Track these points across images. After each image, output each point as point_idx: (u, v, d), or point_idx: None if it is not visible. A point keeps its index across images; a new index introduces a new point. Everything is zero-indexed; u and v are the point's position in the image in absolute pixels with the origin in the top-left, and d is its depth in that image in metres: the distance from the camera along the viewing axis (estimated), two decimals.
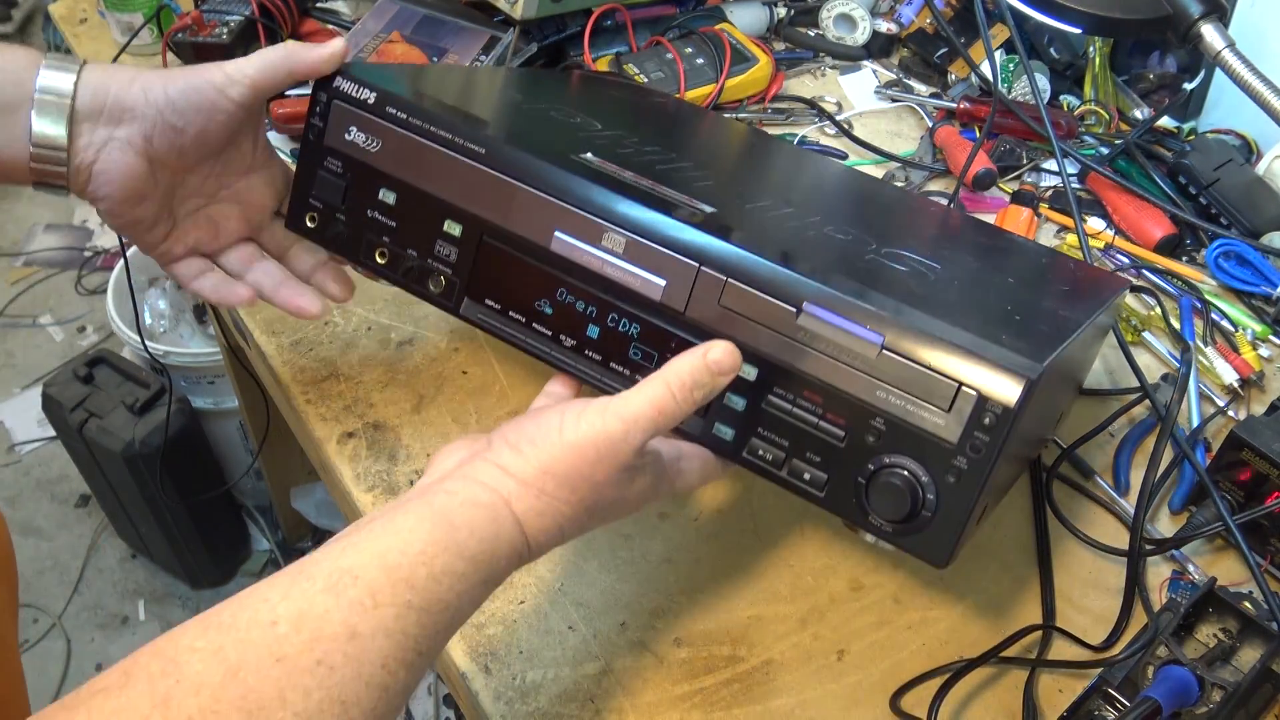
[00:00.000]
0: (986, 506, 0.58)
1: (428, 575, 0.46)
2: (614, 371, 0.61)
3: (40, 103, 0.61)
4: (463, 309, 0.65)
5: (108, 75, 0.63)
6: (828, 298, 0.55)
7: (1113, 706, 0.63)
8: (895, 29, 1.18)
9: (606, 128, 0.76)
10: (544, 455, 0.52)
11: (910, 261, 0.66)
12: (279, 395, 0.84)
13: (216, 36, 0.99)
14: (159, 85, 0.63)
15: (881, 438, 0.55)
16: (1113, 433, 0.82)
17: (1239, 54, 0.75)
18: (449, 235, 0.64)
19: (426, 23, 1.07)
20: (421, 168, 0.63)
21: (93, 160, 0.63)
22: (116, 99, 0.62)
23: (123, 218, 0.66)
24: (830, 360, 0.55)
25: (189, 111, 0.63)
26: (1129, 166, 1.03)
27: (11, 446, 2.19)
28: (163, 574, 1.98)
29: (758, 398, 0.57)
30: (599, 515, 0.55)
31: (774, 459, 0.58)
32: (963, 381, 0.52)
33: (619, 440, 0.52)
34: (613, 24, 1.11)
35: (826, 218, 0.74)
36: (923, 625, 0.69)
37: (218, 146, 0.66)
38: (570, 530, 0.54)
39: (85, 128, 0.62)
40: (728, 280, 0.57)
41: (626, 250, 0.59)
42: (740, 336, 0.57)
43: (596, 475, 0.52)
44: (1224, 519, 0.69)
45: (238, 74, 0.63)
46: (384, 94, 0.64)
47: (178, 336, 1.78)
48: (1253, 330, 0.89)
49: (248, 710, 0.40)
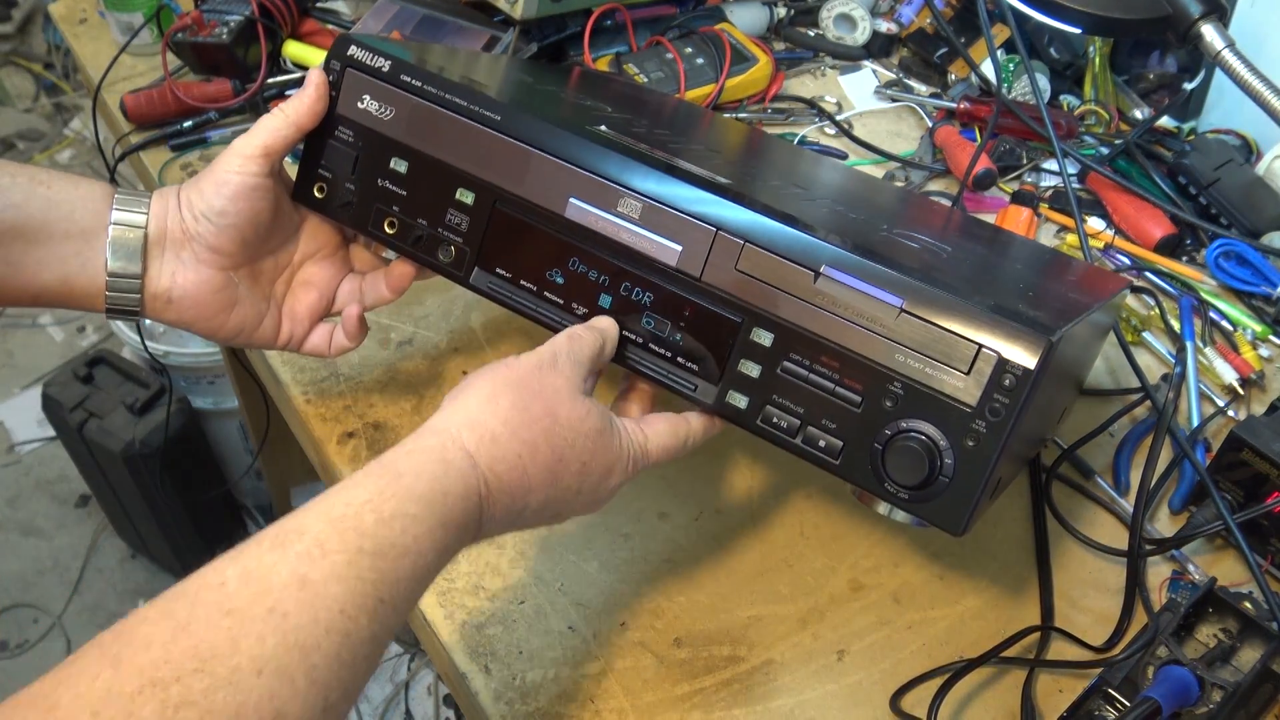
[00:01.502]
0: (1001, 479, 0.58)
1: (376, 520, 0.46)
2: (627, 340, 0.61)
3: (115, 236, 0.63)
4: (473, 278, 0.65)
5: (164, 203, 0.65)
6: (847, 261, 0.55)
7: (1113, 706, 0.63)
8: (895, 29, 1.18)
9: (617, 111, 0.76)
10: (488, 387, 0.53)
11: (923, 242, 0.66)
12: (279, 395, 0.84)
13: (216, 36, 0.99)
14: (195, 196, 0.65)
15: (899, 402, 0.54)
16: (1113, 433, 0.82)
17: (1239, 54, 0.75)
18: (461, 204, 0.64)
19: (426, 22, 1.07)
20: (435, 135, 0.64)
21: (169, 287, 0.65)
22: (174, 224, 0.65)
23: (226, 329, 0.68)
24: (848, 324, 0.55)
25: (229, 203, 0.64)
26: (1129, 166, 1.03)
27: (11, 446, 2.19)
28: (163, 574, 1.98)
29: (773, 364, 0.57)
30: (565, 455, 0.54)
31: (788, 426, 0.57)
32: (983, 343, 0.52)
33: (552, 359, 0.56)
34: (613, 24, 1.11)
35: (836, 200, 0.74)
36: (923, 625, 0.69)
37: (269, 220, 0.67)
38: (532, 465, 0.53)
39: (154, 258, 0.65)
40: (746, 244, 0.56)
41: (643, 216, 0.59)
42: (757, 301, 0.57)
43: (545, 395, 0.54)
44: (1224, 519, 0.69)
45: (250, 149, 0.64)
46: (399, 62, 0.64)
47: (178, 336, 1.78)
48: (1253, 330, 0.89)
49: (200, 658, 0.39)
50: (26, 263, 0.62)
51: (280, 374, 0.81)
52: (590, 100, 0.78)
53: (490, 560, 0.71)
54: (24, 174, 0.62)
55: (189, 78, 1.05)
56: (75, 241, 0.63)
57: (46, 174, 0.63)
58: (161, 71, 1.01)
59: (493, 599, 0.68)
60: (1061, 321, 0.54)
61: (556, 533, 0.73)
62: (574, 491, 0.56)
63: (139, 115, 1.02)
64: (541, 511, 0.56)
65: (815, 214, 0.66)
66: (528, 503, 0.54)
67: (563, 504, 0.56)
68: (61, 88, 2.90)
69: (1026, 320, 0.52)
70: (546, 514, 0.56)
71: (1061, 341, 0.52)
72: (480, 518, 0.52)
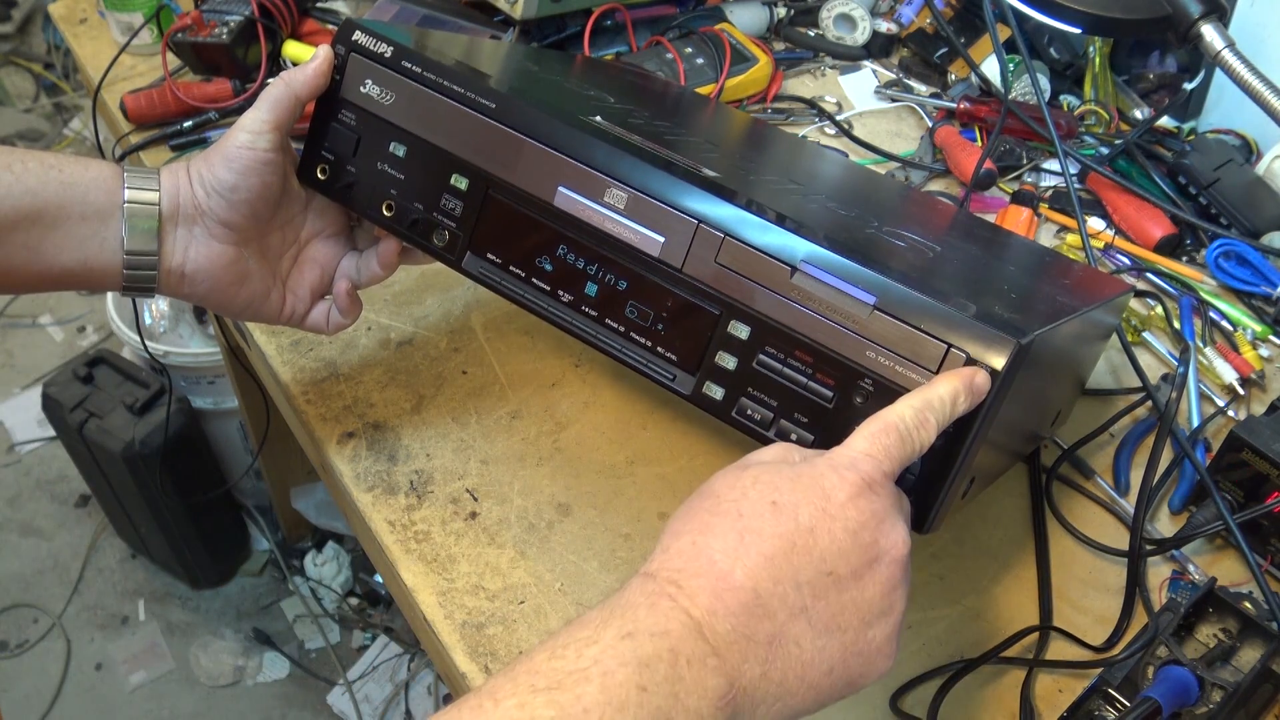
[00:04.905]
0: (973, 481, 0.58)
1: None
2: (610, 328, 0.62)
3: (130, 214, 0.64)
4: (465, 263, 0.66)
5: (175, 179, 0.65)
6: (823, 258, 0.55)
7: (1113, 706, 0.63)
8: (895, 29, 1.18)
9: (619, 101, 0.77)
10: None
11: (910, 241, 0.66)
12: (279, 395, 0.84)
13: (216, 36, 0.99)
14: (205, 171, 0.65)
15: (869, 399, 0.54)
16: (1113, 433, 0.82)
17: (1239, 54, 0.75)
18: (455, 189, 0.65)
19: (426, 22, 1.07)
20: (432, 121, 0.65)
21: (181, 262, 0.66)
22: (186, 199, 0.65)
23: (236, 304, 0.69)
24: (822, 319, 0.55)
25: (240, 178, 0.65)
26: (1129, 166, 1.03)
27: (11, 446, 2.19)
28: (163, 574, 1.98)
29: (749, 357, 0.57)
30: (836, 608, 0.44)
31: (762, 419, 0.58)
32: (952, 343, 0.52)
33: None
34: (613, 24, 1.11)
35: (830, 197, 0.74)
36: (923, 625, 0.69)
37: (278, 195, 0.68)
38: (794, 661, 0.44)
39: (168, 234, 0.65)
40: (725, 237, 0.57)
41: (628, 206, 0.59)
42: (735, 294, 0.57)
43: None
44: (1224, 518, 0.69)
45: (256, 124, 0.64)
46: (400, 48, 0.65)
47: (178, 336, 1.78)
48: (1253, 330, 0.89)
49: None
50: (45, 247, 0.63)
51: (280, 374, 0.81)
52: (593, 90, 0.79)
53: (490, 560, 0.71)
54: (34, 159, 0.63)
55: (189, 78, 1.05)
56: (92, 223, 0.63)
57: (56, 158, 0.64)
58: (161, 71, 1.01)
59: (493, 599, 0.68)
60: (1039, 324, 0.54)
61: (556, 532, 0.73)
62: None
63: (139, 115, 1.02)
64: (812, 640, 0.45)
65: (804, 210, 0.66)
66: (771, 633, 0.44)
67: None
68: (61, 88, 2.90)
69: (999, 322, 0.52)
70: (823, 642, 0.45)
71: (1035, 344, 0.52)
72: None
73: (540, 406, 0.80)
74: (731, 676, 0.42)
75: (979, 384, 0.50)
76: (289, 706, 1.82)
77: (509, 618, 0.68)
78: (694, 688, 0.41)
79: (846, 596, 0.45)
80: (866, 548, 0.45)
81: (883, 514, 0.46)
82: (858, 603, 0.45)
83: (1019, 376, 0.52)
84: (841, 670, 0.45)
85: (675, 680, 0.41)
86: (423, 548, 0.71)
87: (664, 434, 0.79)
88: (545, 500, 0.74)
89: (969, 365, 0.52)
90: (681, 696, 0.41)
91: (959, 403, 0.50)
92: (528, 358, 0.83)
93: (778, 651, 0.43)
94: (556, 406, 0.80)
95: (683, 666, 0.41)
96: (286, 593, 1.94)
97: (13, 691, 1.81)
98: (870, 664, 0.46)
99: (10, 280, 0.63)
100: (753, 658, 0.43)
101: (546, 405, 0.80)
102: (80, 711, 1.80)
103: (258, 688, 1.84)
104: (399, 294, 0.88)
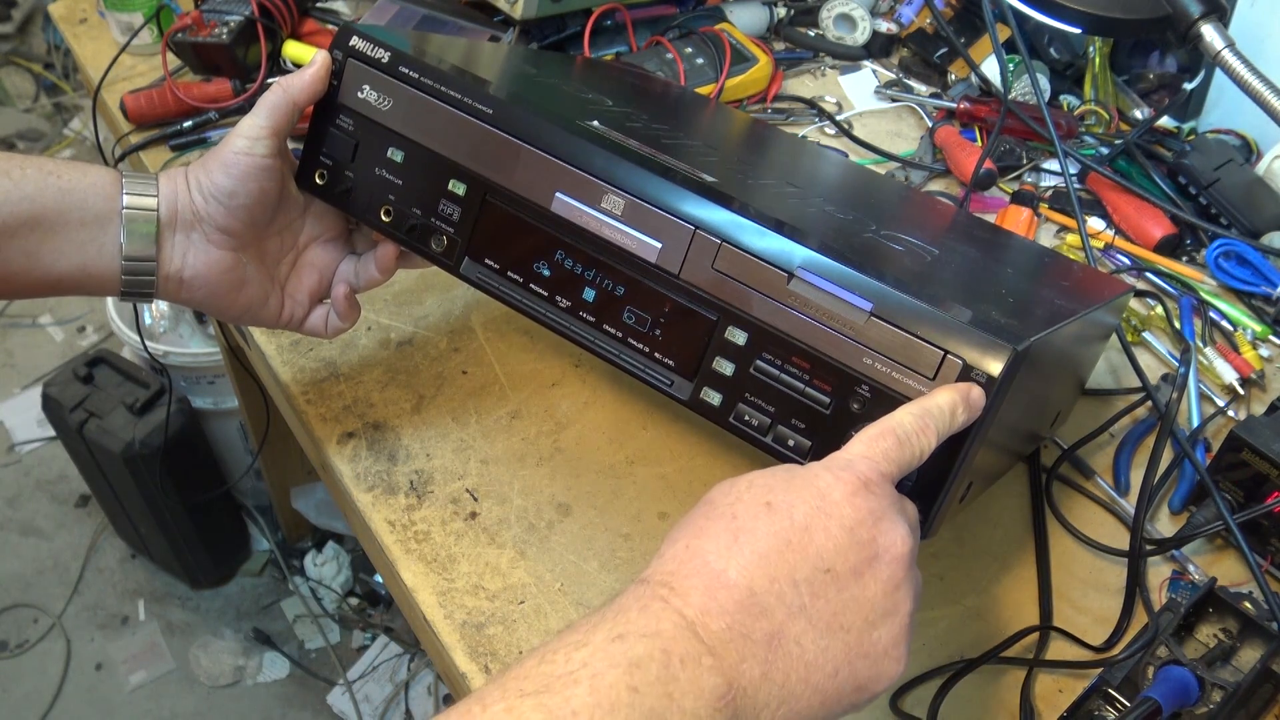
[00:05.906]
0: (970, 485, 0.58)
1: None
2: (607, 334, 0.62)
3: (129, 220, 0.64)
4: (463, 268, 0.66)
5: (173, 185, 0.65)
6: (820, 264, 0.55)
7: (1113, 707, 0.63)
8: (895, 29, 1.18)
9: (616, 104, 0.77)
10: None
11: (909, 244, 0.66)
12: (279, 395, 0.84)
13: (216, 36, 0.99)
14: (203, 177, 0.65)
15: (866, 405, 0.54)
16: (1113, 433, 0.82)
17: (1239, 54, 0.75)
18: (453, 194, 0.65)
19: (426, 22, 1.07)
20: (430, 126, 0.65)
21: (180, 268, 0.66)
22: (184, 205, 0.65)
23: (234, 309, 0.69)
24: (819, 326, 0.55)
25: (238, 184, 0.65)
26: (1129, 166, 1.03)
27: (11, 446, 2.19)
28: (163, 574, 1.98)
29: (746, 363, 0.57)
30: (837, 604, 0.43)
31: (759, 425, 0.58)
32: (949, 349, 0.52)
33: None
34: (613, 24, 1.11)
35: (829, 200, 0.74)
36: (923, 625, 0.69)
37: (276, 200, 0.68)
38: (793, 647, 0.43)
39: (166, 240, 0.65)
40: (722, 244, 0.57)
41: (625, 212, 0.59)
42: (732, 300, 0.57)
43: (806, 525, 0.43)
44: (1224, 518, 0.69)
45: (254, 130, 0.64)
46: (397, 53, 0.65)
47: (178, 336, 1.78)
48: (1253, 330, 0.89)
49: None
50: (44, 253, 0.63)
51: (280, 374, 0.81)
52: (592, 93, 0.78)
53: (490, 560, 0.71)
54: (33, 165, 0.63)
55: (189, 78, 1.05)
56: (90, 228, 0.63)
57: (54, 164, 0.64)
58: (161, 71, 1.01)
59: (493, 599, 0.68)
60: (1035, 329, 0.54)
61: (556, 532, 0.73)
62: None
63: (139, 115, 1.02)
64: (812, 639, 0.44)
65: (802, 214, 0.66)
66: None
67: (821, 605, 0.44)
68: (61, 88, 2.90)
69: (995, 328, 0.52)
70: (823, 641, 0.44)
71: (1033, 348, 0.52)
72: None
73: (540, 406, 0.80)
74: (730, 676, 0.41)
75: (974, 399, 0.50)
76: (289, 706, 1.82)
77: (509, 618, 0.68)
78: (689, 688, 0.40)
79: (847, 595, 0.44)
80: (864, 545, 0.45)
81: (880, 512, 0.45)
82: (859, 601, 0.44)
83: (1017, 381, 0.52)
84: (848, 673, 0.44)
85: (669, 680, 0.40)
86: (423, 548, 0.71)
87: (664, 434, 0.79)
88: (545, 500, 0.74)
89: (966, 371, 0.52)
90: (676, 697, 0.40)
91: (958, 414, 0.50)
92: (528, 358, 0.83)
93: (778, 651, 0.43)
94: (556, 406, 0.80)
95: (676, 666, 0.41)
96: (286, 593, 1.94)
97: (13, 691, 1.81)
98: (878, 667, 0.45)
99: (9, 286, 0.63)
100: (751, 657, 0.42)
101: (546, 405, 0.80)
102: (80, 711, 1.80)
103: (258, 688, 1.84)
104: (399, 294, 0.88)
